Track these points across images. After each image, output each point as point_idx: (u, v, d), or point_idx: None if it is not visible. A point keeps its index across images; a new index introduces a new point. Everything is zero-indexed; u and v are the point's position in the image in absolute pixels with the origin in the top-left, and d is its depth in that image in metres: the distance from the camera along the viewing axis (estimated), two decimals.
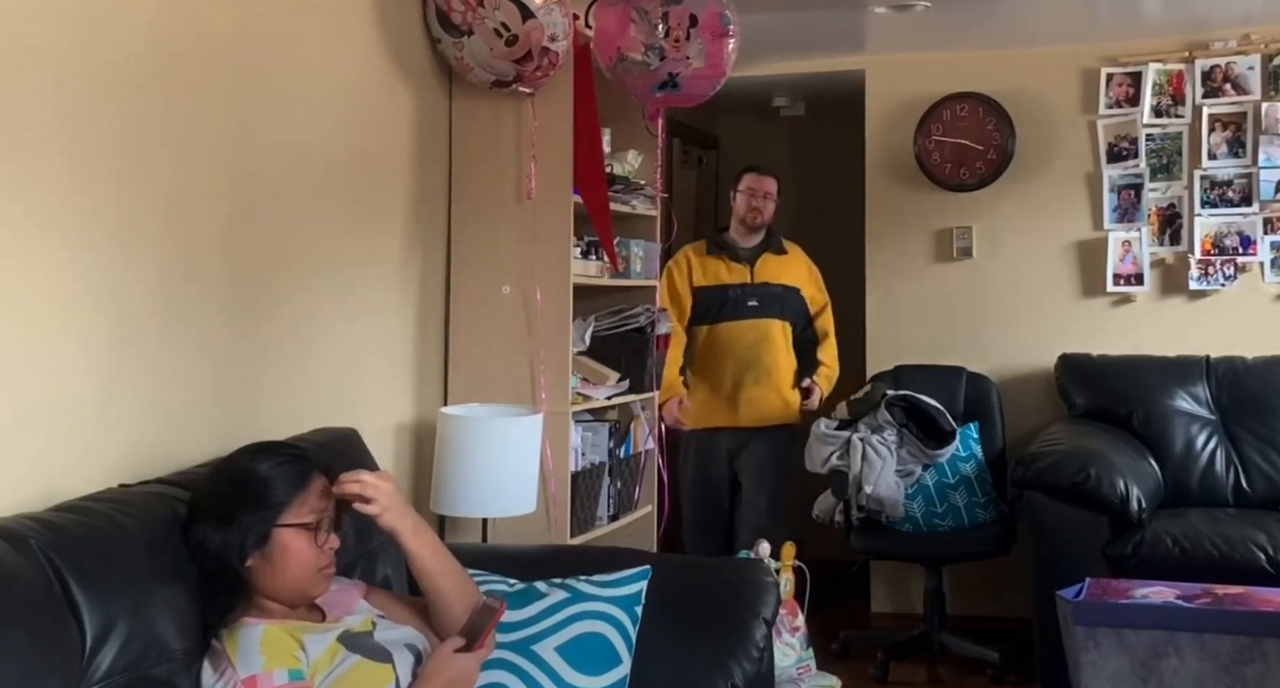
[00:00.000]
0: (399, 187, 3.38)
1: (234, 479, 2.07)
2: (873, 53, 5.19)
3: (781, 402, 4.77)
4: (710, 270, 4.80)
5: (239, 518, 2.02)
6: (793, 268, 4.87)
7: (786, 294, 4.82)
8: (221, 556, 2.01)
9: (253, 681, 1.90)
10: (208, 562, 2.02)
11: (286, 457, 2.11)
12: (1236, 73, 4.78)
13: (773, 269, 4.82)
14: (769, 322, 4.76)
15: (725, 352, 4.75)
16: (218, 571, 2.01)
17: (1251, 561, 3.83)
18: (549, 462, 3.40)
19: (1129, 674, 3.20)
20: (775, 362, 4.76)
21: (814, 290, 4.91)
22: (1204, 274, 4.84)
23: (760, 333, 4.75)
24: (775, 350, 4.77)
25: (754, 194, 4.79)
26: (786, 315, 4.80)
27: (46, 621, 1.76)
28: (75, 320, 2.23)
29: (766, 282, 4.79)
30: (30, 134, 2.12)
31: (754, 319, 4.75)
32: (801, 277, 4.88)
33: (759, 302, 4.76)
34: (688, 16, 3.57)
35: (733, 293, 4.76)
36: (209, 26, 2.59)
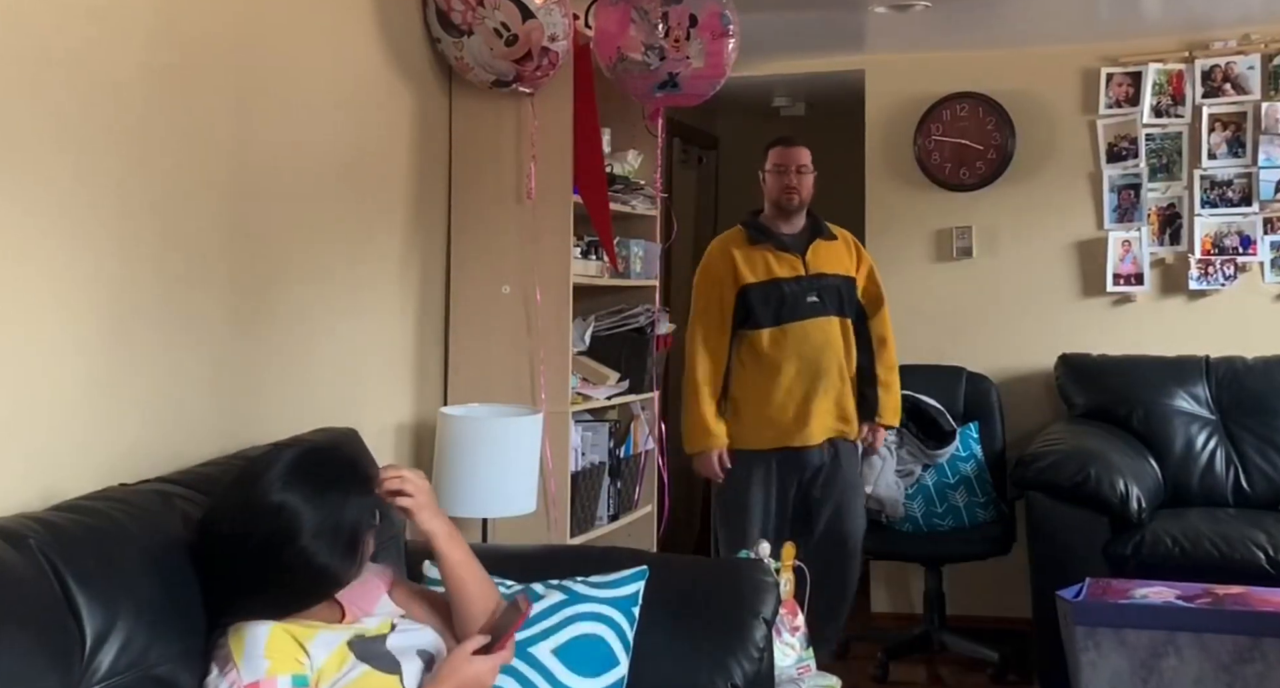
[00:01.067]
0: (399, 186, 3.38)
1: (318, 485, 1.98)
2: (873, 53, 5.19)
3: (848, 414, 4.12)
4: (758, 263, 4.06)
5: (343, 524, 1.97)
6: (845, 255, 4.18)
7: (844, 286, 4.11)
8: (325, 567, 1.95)
9: (255, 687, 1.89)
10: (297, 574, 1.93)
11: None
12: (1236, 73, 4.78)
13: (825, 257, 4.10)
14: (831, 319, 4.06)
15: (790, 359, 4.01)
16: (303, 580, 1.95)
17: (1251, 561, 3.83)
18: (549, 462, 3.40)
19: (1129, 674, 3.20)
20: (845, 365, 4.09)
21: (866, 281, 4.20)
22: (1204, 274, 4.84)
23: (825, 333, 4.04)
24: (842, 352, 4.09)
25: (784, 171, 4.08)
26: (847, 311, 4.11)
27: (46, 621, 1.76)
28: (75, 320, 2.23)
29: (822, 272, 4.07)
30: (31, 134, 2.12)
31: (817, 317, 4.03)
32: (853, 265, 4.19)
33: (819, 297, 4.04)
34: (688, 16, 3.57)
35: (789, 288, 4.02)
36: (209, 27, 2.58)
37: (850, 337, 4.10)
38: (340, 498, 1.98)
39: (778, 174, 4.10)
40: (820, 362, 4.01)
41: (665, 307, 4.20)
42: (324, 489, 1.96)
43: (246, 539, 1.93)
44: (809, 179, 4.11)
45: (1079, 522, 3.99)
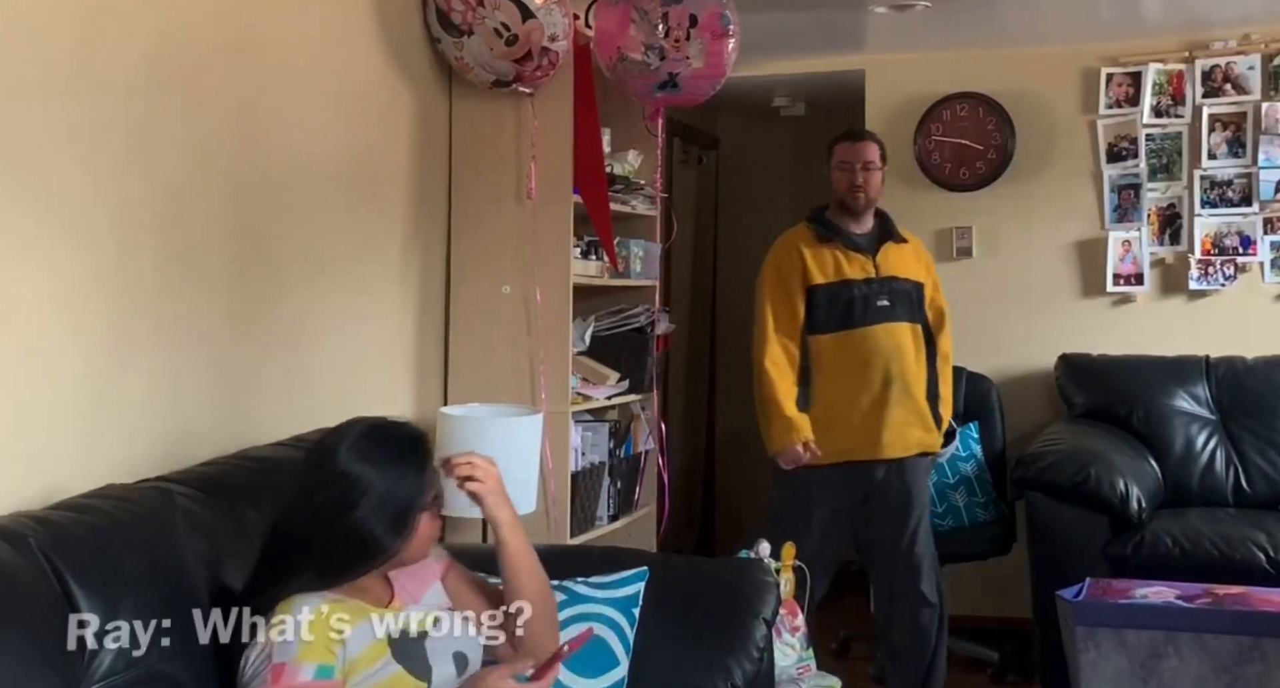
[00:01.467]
0: (399, 187, 3.38)
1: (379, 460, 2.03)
2: (873, 53, 5.19)
3: (927, 425, 3.83)
4: (827, 263, 3.79)
5: (395, 498, 2.00)
6: (915, 261, 3.92)
7: (916, 292, 3.86)
8: (373, 536, 1.98)
9: (280, 669, 1.87)
10: (347, 540, 1.97)
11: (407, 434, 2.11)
12: (1236, 73, 4.78)
13: (896, 261, 3.84)
14: (902, 325, 3.78)
15: (861, 365, 3.73)
16: (350, 547, 1.97)
17: (1251, 561, 3.83)
18: (549, 462, 3.40)
19: (1129, 674, 3.20)
20: (917, 373, 3.80)
21: (933, 290, 3.93)
22: (1204, 274, 4.84)
23: (896, 339, 3.76)
24: (913, 359, 3.80)
25: (850, 168, 3.81)
26: (918, 318, 3.84)
27: (46, 620, 1.76)
28: (76, 320, 2.23)
29: (894, 276, 3.81)
30: (33, 135, 2.12)
31: (888, 322, 3.76)
32: (922, 272, 3.93)
33: (890, 301, 3.77)
34: (688, 16, 3.57)
35: (859, 290, 3.76)
36: (210, 28, 2.59)
37: (923, 344, 3.83)
38: (398, 473, 2.02)
39: (843, 171, 3.82)
40: (891, 369, 3.73)
41: (665, 307, 4.20)
42: (385, 463, 2.01)
43: (309, 504, 1.99)
44: (877, 176, 3.85)
45: (1079, 522, 3.99)
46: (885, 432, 3.72)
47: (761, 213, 6.43)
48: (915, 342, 3.81)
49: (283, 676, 1.87)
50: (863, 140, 3.87)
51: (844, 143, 3.87)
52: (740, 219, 6.31)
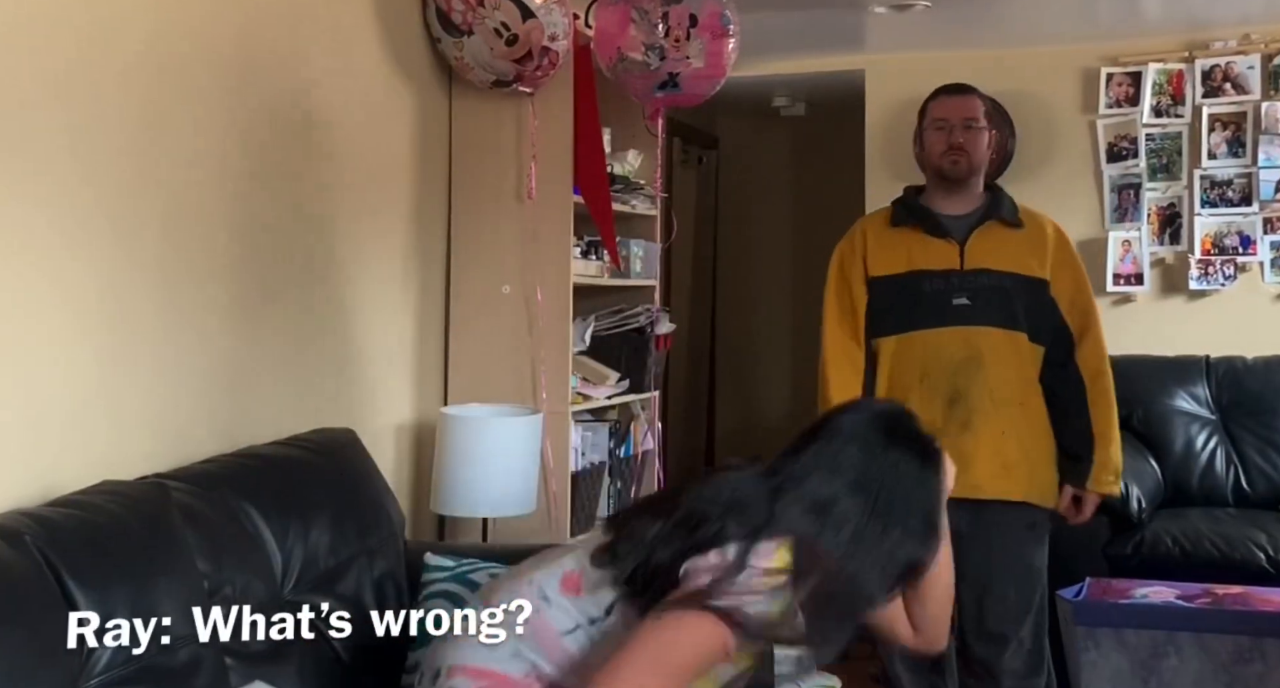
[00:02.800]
0: (399, 187, 3.38)
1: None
2: (873, 53, 5.19)
3: (1010, 463, 2.96)
4: (897, 251, 3.07)
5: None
6: (1030, 249, 3.05)
7: (1020, 289, 3.00)
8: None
9: (737, 622, 1.74)
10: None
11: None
12: (1236, 73, 4.78)
13: (995, 247, 3.02)
14: (988, 331, 2.97)
15: (917, 378, 2.99)
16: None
17: (1251, 561, 3.83)
18: (549, 462, 3.40)
19: (1129, 674, 3.20)
20: (1003, 395, 2.97)
21: (1072, 289, 3.06)
22: (1204, 274, 4.84)
23: (972, 348, 2.95)
24: (1002, 378, 2.97)
25: (949, 127, 3.06)
26: (1020, 324, 2.99)
27: (43, 617, 1.76)
28: (75, 320, 2.23)
29: (986, 267, 3.00)
30: (34, 135, 2.12)
31: (962, 326, 2.97)
32: (1049, 266, 3.05)
33: (972, 299, 2.98)
34: (688, 16, 3.57)
35: (930, 285, 3.00)
36: (210, 28, 2.59)
37: (1029, 361, 3.01)
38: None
39: (942, 132, 3.07)
40: (958, 384, 2.94)
41: (665, 307, 4.20)
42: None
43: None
44: (982, 138, 3.08)
45: None
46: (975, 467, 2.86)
47: (761, 213, 6.44)
48: (1017, 353, 2.99)
49: (732, 632, 1.74)
50: (965, 94, 3.13)
51: (941, 97, 3.14)
52: (740, 219, 6.32)
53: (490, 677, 1.84)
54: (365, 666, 2.45)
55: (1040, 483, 3.04)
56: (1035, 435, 3.02)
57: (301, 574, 2.40)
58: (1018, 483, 2.99)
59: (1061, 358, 3.03)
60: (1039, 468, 3.03)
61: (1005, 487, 2.97)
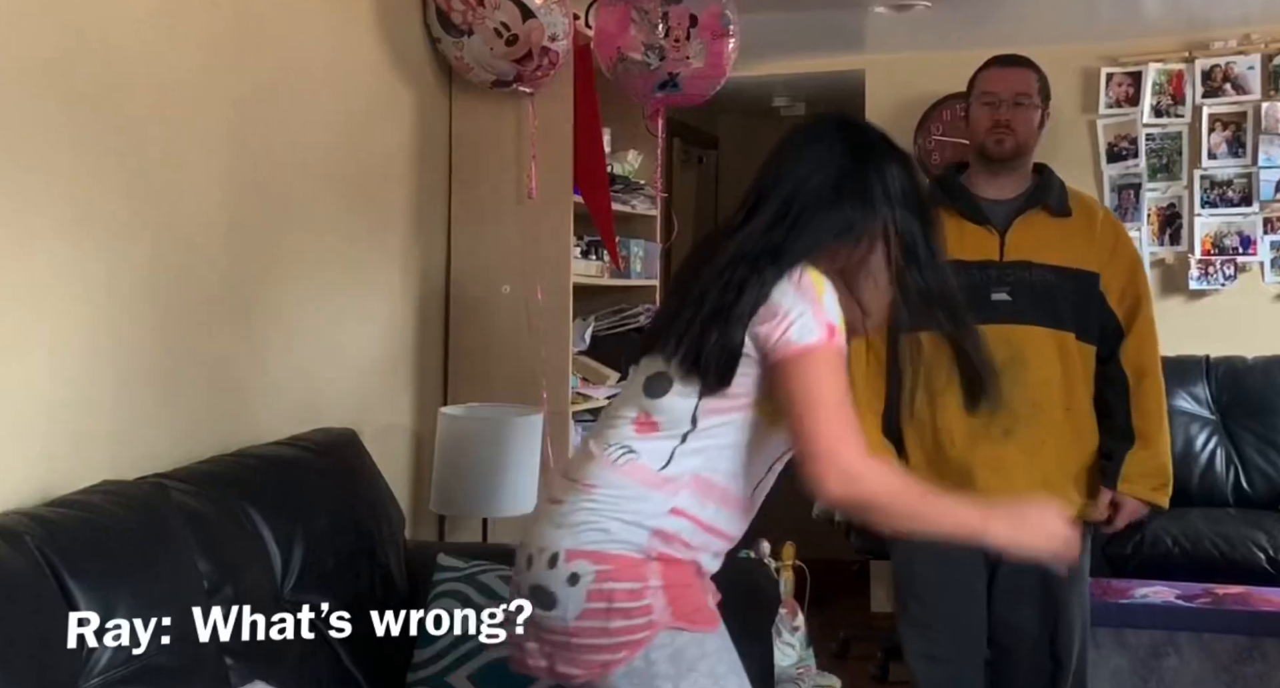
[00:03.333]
0: (399, 186, 3.38)
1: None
2: (873, 53, 5.18)
3: (1050, 478, 2.70)
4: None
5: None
6: (1082, 239, 2.78)
7: (1068, 284, 2.73)
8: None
9: (832, 328, 1.81)
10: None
11: None
12: (1236, 73, 4.78)
13: (1040, 237, 2.75)
14: (1031, 330, 2.70)
15: (948, 379, 2.46)
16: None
17: (1251, 561, 3.84)
18: (549, 462, 3.40)
19: (1129, 674, 3.20)
20: (1049, 399, 2.71)
21: (1124, 280, 2.78)
22: (1204, 274, 4.84)
23: (1014, 349, 2.61)
24: (1047, 381, 2.71)
25: (996, 101, 2.78)
26: (1067, 323, 2.72)
27: (43, 617, 1.76)
28: (74, 320, 2.23)
29: (1028, 260, 2.72)
30: (33, 134, 2.12)
31: (1005, 324, 2.64)
32: (1101, 257, 2.77)
33: (1013, 294, 2.71)
34: (688, 16, 3.57)
35: (966, 277, 2.47)
36: (209, 27, 2.59)
37: (1077, 362, 2.74)
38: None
39: (989, 107, 2.78)
40: (1012, 400, 2.52)
41: None
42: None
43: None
44: (1033, 116, 2.80)
45: None
46: (982, 479, 2.65)
47: None
48: (1063, 356, 2.72)
49: (835, 334, 1.81)
50: (1018, 66, 2.84)
51: (991, 69, 2.84)
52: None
53: (613, 560, 1.82)
54: (365, 665, 2.45)
55: (1079, 497, 2.75)
56: (1079, 445, 2.75)
57: (301, 574, 2.40)
58: (1056, 497, 2.48)
59: (1105, 354, 2.77)
60: (1081, 481, 2.76)
61: (1064, 501, 2.55)
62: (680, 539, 1.85)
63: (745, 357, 1.83)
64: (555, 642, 1.83)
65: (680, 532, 1.85)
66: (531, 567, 1.85)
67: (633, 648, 1.80)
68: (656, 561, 1.83)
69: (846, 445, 1.77)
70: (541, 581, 1.83)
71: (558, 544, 1.84)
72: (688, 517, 1.85)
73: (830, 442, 1.77)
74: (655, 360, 1.91)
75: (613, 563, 1.82)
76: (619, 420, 1.90)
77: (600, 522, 1.83)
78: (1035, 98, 2.81)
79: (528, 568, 1.86)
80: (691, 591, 1.87)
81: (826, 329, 1.80)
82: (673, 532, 1.84)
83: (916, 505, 1.84)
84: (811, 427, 1.78)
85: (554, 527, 1.86)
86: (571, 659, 1.82)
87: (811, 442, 1.77)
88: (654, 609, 1.81)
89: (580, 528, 1.84)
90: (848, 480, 1.77)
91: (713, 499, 1.87)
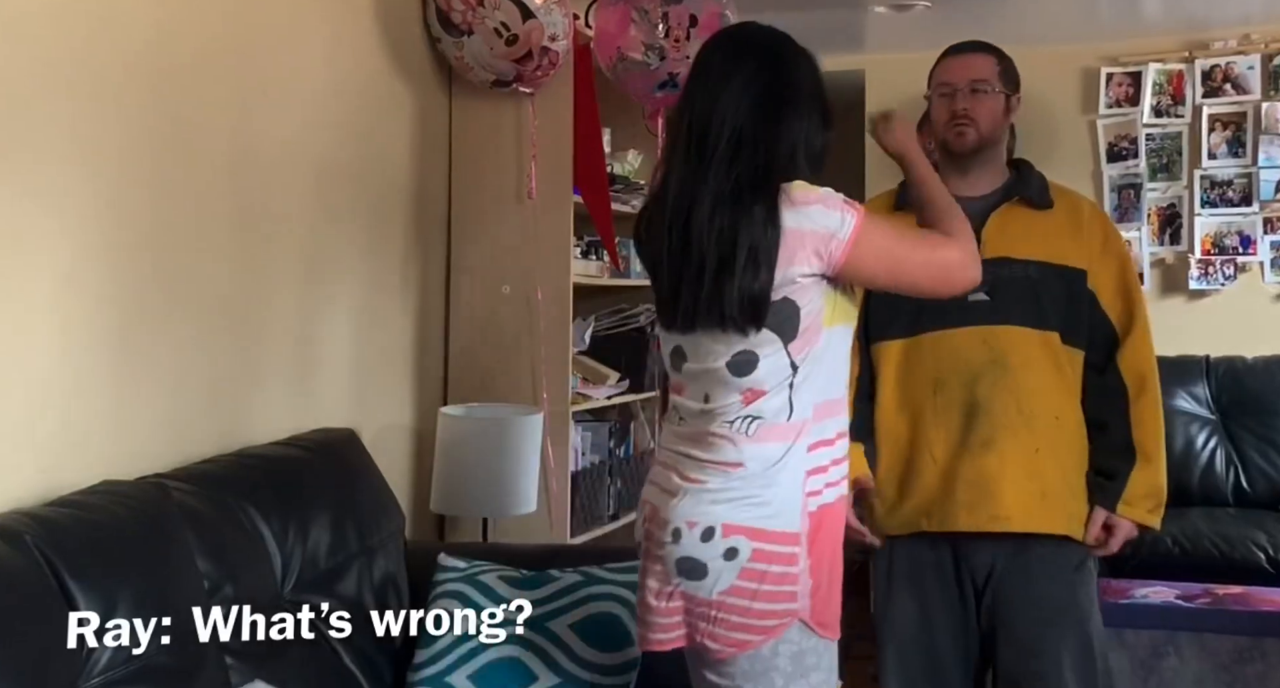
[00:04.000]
0: (399, 186, 3.38)
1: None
2: (873, 53, 5.18)
3: (1049, 489, 2.45)
4: None
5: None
6: (1067, 234, 2.53)
7: (1050, 281, 2.49)
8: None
9: (848, 203, 1.93)
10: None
11: None
12: (1236, 73, 4.78)
13: (1020, 232, 2.50)
14: (1012, 330, 2.46)
15: (931, 389, 2.49)
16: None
17: (1251, 561, 3.84)
18: (549, 462, 3.40)
19: (1129, 674, 3.20)
20: (1034, 406, 2.45)
21: (1115, 281, 2.53)
22: (1204, 274, 4.84)
23: (994, 351, 2.45)
24: (1031, 386, 2.45)
25: (952, 92, 2.55)
26: (1051, 322, 2.48)
27: (43, 617, 1.76)
28: (75, 320, 2.23)
29: (1006, 256, 2.46)
30: (34, 133, 2.12)
31: (983, 325, 2.46)
32: (1089, 253, 2.52)
33: (991, 293, 2.43)
34: (688, 16, 3.57)
35: None
36: (209, 27, 2.59)
37: (1065, 367, 2.49)
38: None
39: (941, 98, 2.58)
40: (978, 394, 2.43)
41: None
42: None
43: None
44: (993, 104, 2.55)
45: None
46: (962, 491, 2.43)
47: None
48: (1049, 356, 2.47)
49: (853, 204, 1.93)
50: (972, 52, 2.61)
51: (945, 59, 2.63)
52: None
53: (772, 538, 1.88)
54: (365, 665, 2.45)
55: (1083, 513, 2.48)
56: (1075, 455, 2.49)
57: (301, 574, 2.40)
58: (1058, 513, 2.45)
59: (1101, 361, 2.50)
60: (1080, 494, 2.49)
61: (1044, 518, 2.43)
62: (823, 471, 1.93)
63: (796, 285, 1.88)
64: (699, 613, 1.89)
65: (819, 460, 1.93)
66: (680, 540, 1.90)
67: (769, 634, 1.87)
68: (811, 535, 1.90)
69: (944, 253, 1.98)
70: (693, 553, 1.89)
71: (715, 519, 1.89)
72: (823, 444, 1.94)
73: (939, 265, 1.97)
74: (699, 341, 1.94)
75: (771, 541, 1.88)
76: (724, 408, 1.94)
77: (759, 495, 1.89)
78: (996, 83, 2.55)
79: (674, 541, 1.90)
80: (834, 590, 1.95)
81: (848, 208, 1.90)
82: (818, 468, 1.92)
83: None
84: (921, 270, 1.98)
85: (709, 503, 1.90)
86: (712, 634, 1.89)
87: (931, 275, 1.98)
88: (798, 597, 1.88)
89: (740, 503, 1.89)
90: (972, 261, 2.00)
91: (831, 415, 1.96)
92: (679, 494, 1.93)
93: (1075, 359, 2.50)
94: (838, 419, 1.98)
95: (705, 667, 1.94)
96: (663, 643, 1.95)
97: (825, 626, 1.93)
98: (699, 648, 1.92)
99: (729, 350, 1.91)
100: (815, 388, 1.92)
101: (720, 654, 1.89)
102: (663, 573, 1.92)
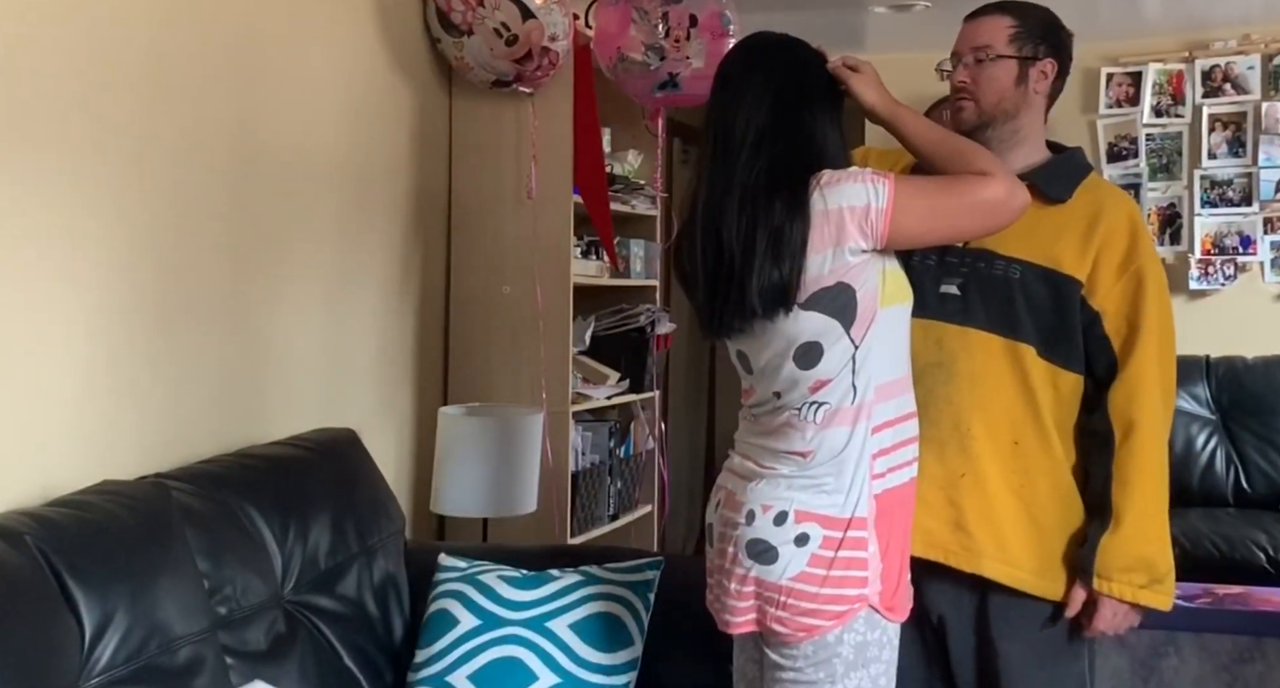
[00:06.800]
0: (399, 186, 3.38)
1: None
2: (873, 53, 5.18)
3: (965, 524, 2.07)
4: None
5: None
6: (1075, 235, 2.13)
7: (1033, 284, 2.11)
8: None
9: (874, 174, 1.98)
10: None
11: None
12: (1236, 73, 4.78)
13: (1019, 226, 2.03)
14: (971, 333, 2.10)
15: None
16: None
17: (1251, 561, 3.84)
18: (549, 462, 3.40)
19: (1129, 674, 3.20)
20: (971, 423, 2.07)
21: (1124, 305, 2.11)
22: (1204, 274, 4.84)
23: (944, 353, 2.10)
24: (979, 400, 2.08)
25: (958, 62, 2.33)
26: (1025, 331, 2.09)
27: (43, 617, 1.76)
28: (75, 320, 2.23)
29: (990, 249, 2.11)
30: (35, 133, 2.12)
31: (940, 321, 2.11)
32: (1095, 262, 2.11)
33: (963, 289, 2.12)
34: (688, 16, 3.57)
35: (919, 262, 2.12)
36: (210, 27, 2.59)
37: (1041, 384, 2.09)
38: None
39: (955, 69, 2.32)
40: (931, 403, 2.06)
41: (665, 307, 4.20)
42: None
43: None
44: (997, 72, 2.27)
45: None
46: (918, 523, 2.04)
47: None
48: (1016, 371, 2.09)
49: (880, 173, 1.98)
50: (982, 15, 2.32)
51: (961, 27, 2.36)
52: None
53: (842, 525, 1.92)
54: (365, 665, 2.45)
55: (1055, 568, 2.09)
56: (1045, 494, 2.09)
57: (301, 574, 2.40)
58: (983, 554, 2.06)
59: (1095, 398, 2.13)
60: (1054, 544, 2.09)
61: (954, 552, 2.07)
62: (888, 453, 1.95)
63: (849, 267, 1.91)
64: (768, 598, 1.93)
65: (883, 442, 1.95)
66: (754, 522, 1.94)
67: (837, 619, 1.91)
68: (879, 519, 1.93)
69: (983, 193, 1.97)
70: (765, 535, 1.93)
71: (789, 504, 1.93)
72: (887, 425, 1.96)
73: (983, 208, 1.97)
74: (757, 341, 1.98)
75: (840, 528, 1.91)
76: (793, 399, 1.96)
77: (829, 482, 1.93)
78: (1004, 47, 2.24)
79: (748, 523, 1.95)
80: (904, 573, 1.98)
81: (878, 177, 1.95)
82: (882, 450, 1.95)
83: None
84: (966, 216, 1.98)
85: (785, 488, 1.94)
86: (780, 618, 1.92)
87: (977, 218, 1.99)
88: (868, 582, 1.92)
89: (812, 491, 1.93)
90: (1010, 191, 1.98)
91: (894, 395, 1.98)
92: (755, 479, 1.97)
93: (1061, 380, 2.11)
94: (901, 399, 2.00)
95: (771, 648, 1.97)
96: (739, 626, 1.99)
97: (893, 610, 1.97)
98: (767, 631, 1.96)
99: (790, 347, 1.94)
100: (877, 369, 1.94)
101: (789, 639, 1.93)
102: (734, 556, 1.96)
